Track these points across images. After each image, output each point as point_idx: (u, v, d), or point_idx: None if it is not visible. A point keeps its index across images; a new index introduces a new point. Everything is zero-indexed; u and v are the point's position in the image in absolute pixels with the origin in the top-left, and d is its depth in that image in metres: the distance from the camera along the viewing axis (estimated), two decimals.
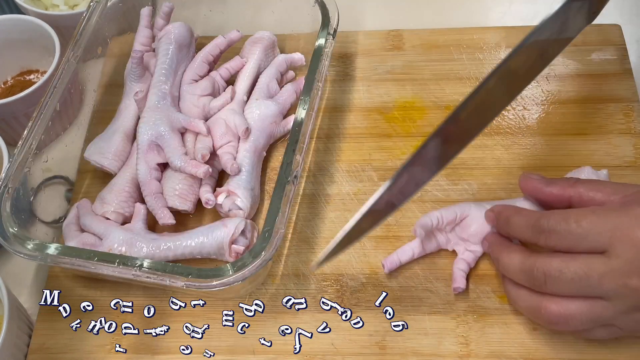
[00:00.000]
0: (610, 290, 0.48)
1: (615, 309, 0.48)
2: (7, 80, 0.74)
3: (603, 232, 0.48)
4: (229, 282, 0.51)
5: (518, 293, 0.53)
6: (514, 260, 0.52)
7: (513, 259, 0.52)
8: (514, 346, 0.55)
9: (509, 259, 0.53)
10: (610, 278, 0.47)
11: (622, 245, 0.47)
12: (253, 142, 0.63)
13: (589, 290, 0.48)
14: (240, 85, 0.66)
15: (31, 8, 0.72)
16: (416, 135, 0.66)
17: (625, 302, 0.48)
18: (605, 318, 0.49)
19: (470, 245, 0.58)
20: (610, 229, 0.48)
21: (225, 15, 0.73)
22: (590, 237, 0.48)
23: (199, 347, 0.57)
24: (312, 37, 0.65)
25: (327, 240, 0.61)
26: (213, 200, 0.59)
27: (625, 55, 0.69)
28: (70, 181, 0.66)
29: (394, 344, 0.56)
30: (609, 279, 0.47)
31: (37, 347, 0.58)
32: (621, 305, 0.48)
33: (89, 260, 0.53)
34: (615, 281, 0.47)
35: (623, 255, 0.47)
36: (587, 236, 0.48)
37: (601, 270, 0.47)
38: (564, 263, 0.48)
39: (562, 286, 0.49)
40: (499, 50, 0.71)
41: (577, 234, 0.48)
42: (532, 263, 0.50)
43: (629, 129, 0.65)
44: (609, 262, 0.47)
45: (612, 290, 0.47)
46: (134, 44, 0.69)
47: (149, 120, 0.61)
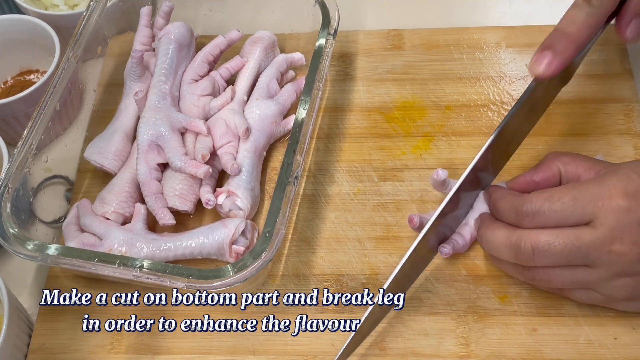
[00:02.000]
0: (596, 258, 0.49)
1: (599, 275, 0.50)
2: (7, 80, 0.74)
3: (586, 204, 0.49)
4: (229, 283, 0.51)
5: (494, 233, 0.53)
6: (499, 236, 0.52)
7: (497, 235, 0.53)
8: (514, 346, 0.55)
9: (493, 235, 0.53)
10: (597, 246, 0.49)
11: (604, 213, 0.49)
12: (253, 142, 0.63)
13: (576, 260, 0.50)
14: (240, 85, 0.66)
15: (31, 8, 0.72)
16: (416, 135, 0.66)
17: (610, 268, 0.49)
18: (586, 282, 0.51)
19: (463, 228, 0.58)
20: (592, 200, 0.49)
21: (225, 15, 0.73)
22: (575, 211, 0.50)
23: (199, 347, 0.57)
24: (312, 36, 0.65)
25: (327, 240, 0.61)
26: (213, 201, 0.59)
27: (625, 55, 0.69)
28: (70, 181, 0.66)
29: (394, 345, 0.56)
30: (595, 247, 0.49)
31: (37, 347, 0.58)
32: (604, 272, 0.50)
33: (89, 261, 0.53)
34: (601, 249, 0.49)
35: (606, 222, 0.49)
36: (573, 210, 0.50)
37: (588, 239, 0.49)
38: (553, 236, 0.50)
39: (550, 259, 0.50)
40: (499, 50, 0.71)
41: (561, 210, 0.50)
42: (518, 237, 0.51)
43: (629, 129, 0.65)
44: (594, 231, 0.49)
45: (598, 258, 0.49)
46: (133, 44, 0.69)
47: (149, 120, 0.61)
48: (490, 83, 0.69)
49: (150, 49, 0.69)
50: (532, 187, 0.55)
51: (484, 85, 0.69)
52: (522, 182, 0.56)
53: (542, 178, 0.55)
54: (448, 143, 0.66)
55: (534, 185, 0.55)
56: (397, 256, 0.60)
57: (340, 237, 0.61)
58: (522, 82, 0.69)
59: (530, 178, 0.55)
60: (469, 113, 0.67)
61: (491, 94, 0.68)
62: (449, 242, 0.57)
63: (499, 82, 0.69)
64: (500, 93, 0.68)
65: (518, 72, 0.69)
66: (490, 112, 0.67)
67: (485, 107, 0.67)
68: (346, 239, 0.61)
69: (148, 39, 0.69)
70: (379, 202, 0.63)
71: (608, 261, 0.49)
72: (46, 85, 0.63)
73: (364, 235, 0.61)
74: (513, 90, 0.68)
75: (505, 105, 0.67)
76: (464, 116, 0.67)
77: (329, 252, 0.61)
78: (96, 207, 0.61)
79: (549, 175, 0.55)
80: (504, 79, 0.69)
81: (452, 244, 0.57)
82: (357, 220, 0.62)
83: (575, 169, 0.54)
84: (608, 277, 0.50)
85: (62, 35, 0.70)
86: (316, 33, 0.64)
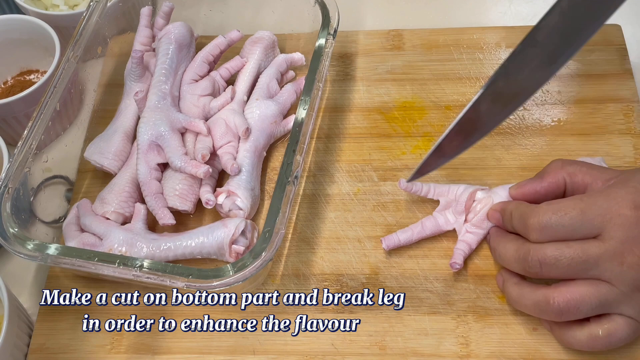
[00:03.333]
0: (607, 270, 0.49)
1: (619, 289, 0.49)
2: (7, 80, 0.74)
3: (594, 217, 0.49)
4: (229, 283, 0.51)
5: (522, 291, 0.53)
6: (509, 249, 0.53)
7: (508, 248, 0.54)
8: (514, 346, 0.55)
9: (504, 248, 0.54)
10: (606, 259, 0.49)
11: (612, 226, 0.49)
12: (253, 142, 0.63)
13: (586, 272, 0.49)
14: (240, 85, 0.66)
15: (31, 8, 0.72)
16: (416, 135, 0.66)
17: (625, 281, 0.49)
18: (612, 300, 0.49)
19: (472, 227, 0.58)
20: (600, 214, 0.49)
21: (225, 15, 0.73)
22: (584, 225, 0.49)
23: (199, 347, 0.57)
24: (312, 37, 0.65)
25: (327, 240, 0.61)
26: (213, 201, 0.59)
27: (625, 55, 0.69)
28: (70, 181, 0.66)
29: (394, 344, 0.56)
30: (604, 259, 0.49)
31: (37, 347, 0.58)
32: (622, 286, 0.49)
33: (89, 261, 0.53)
34: (612, 261, 0.48)
35: (616, 236, 0.48)
36: (582, 225, 0.49)
37: (596, 253, 0.49)
38: (559, 251, 0.50)
39: (558, 272, 0.50)
40: (499, 50, 0.71)
41: (570, 224, 0.50)
42: (526, 251, 0.51)
43: (629, 129, 0.65)
44: (602, 245, 0.49)
45: (609, 271, 0.49)
46: (134, 44, 0.69)
47: (149, 120, 0.61)
48: None
49: (151, 49, 0.69)
50: (537, 197, 0.55)
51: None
52: (527, 191, 0.56)
53: (546, 189, 0.55)
54: None
55: (539, 196, 0.55)
56: (397, 256, 0.60)
57: (340, 237, 0.61)
58: None
59: (535, 189, 0.55)
60: None
61: None
62: (458, 254, 0.57)
63: None
64: None
65: None
66: None
67: None
68: (346, 239, 0.61)
69: (148, 39, 0.69)
70: (379, 202, 0.63)
71: (621, 273, 0.48)
72: (46, 85, 0.63)
73: (364, 235, 0.61)
74: None
75: None
76: None
77: (328, 252, 0.61)
78: (96, 207, 0.61)
79: (554, 186, 0.54)
80: None
81: (462, 256, 0.57)
82: (357, 220, 0.62)
83: (582, 179, 0.53)
84: (628, 291, 0.49)
85: (62, 35, 0.70)
86: (316, 33, 0.64)
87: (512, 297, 0.54)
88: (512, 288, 0.54)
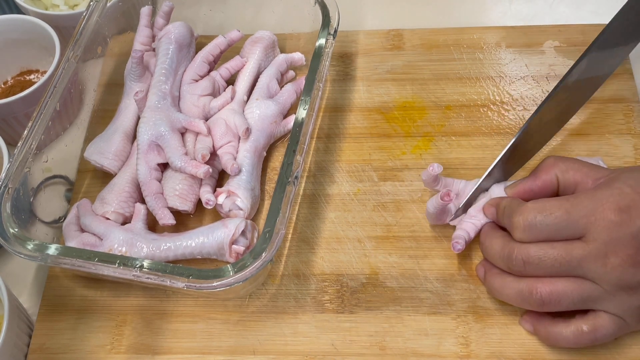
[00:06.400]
0: (590, 270, 0.49)
1: (602, 288, 0.50)
2: (7, 80, 0.74)
3: (578, 219, 0.50)
4: (229, 283, 0.51)
5: (504, 281, 0.53)
6: (495, 245, 0.54)
7: (494, 244, 0.54)
8: (514, 346, 0.55)
9: (491, 243, 0.55)
10: (590, 260, 0.49)
11: (596, 228, 0.49)
12: (253, 142, 0.63)
13: (570, 272, 0.50)
14: (240, 85, 0.66)
15: (31, 8, 0.72)
16: (416, 135, 0.66)
17: (609, 281, 0.49)
18: (595, 297, 0.50)
19: (471, 217, 0.58)
20: (585, 215, 0.49)
21: (225, 15, 0.73)
22: (568, 226, 0.50)
23: (199, 347, 0.57)
24: (312, 36, 0.65)
25: (327, 240, 0.61)
26: (213, 201, 0.59)
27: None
28: (70, 181, 0.66)
29: (394, 345, 0.56)
30: (588, 261, 0.49)
31: (37, 347, 0.58)
32: (606, 286, 0.49)
33: (89, 261, 0.53)
34: (595, 262, 0.49)
35: (599, 237, 0.49)
36: (566, 225, 0.50)
37: (580, 254, 0.49)
38: (543, 251, 0.50)
39: (541, 271, 0.51)
40: (499, 50, 0.71)
41: (554, 224, 0.50)
42: (510, 249, 0.52)
43: (629, 130, 0.65)
44: (586, 246, 0.49)
45: (593, 271, 0.49)
46: (134, 44, 0.69)
47: (149, 120, 0.61)
48: (490, 83, 0.69)
49: (150, 49, 0.69)
50: (531, 196, 0.55)
51: (484, 85, 0.69)
52: (521, 190, 0.56)
53: (540, 187, 0.55)
54: (448, 143, 0.66)
55: (533, 195, 0.55)
56: (397, 256, 0.60)
57: (340, 237, 0.61)
58: (522, 82, 0.69)
59: (529, 187, 0.55)
60: (469, 113, 0.67)
61: (491, 94, 0.68)
62: (460, 237, 0.57)
63: (499, 82, 0.69)
64: (500, 93, 0.68)
65: (518, 72, 0.69)
66: (490, 112, 0.67)
67: (485, 107, 0.67)
68: (346, 239, 0.61)
69: (148, 39, 0.69)
70: (379, 202, 0.63)
71: (605, 274, 0.49)
72: (46, 85, 0.63)
73: (364, 235, 0.61)
74: (513, 90, 0.68)
75: (505, 105, 0.67)
76: (464, 116, 0.67)
77: (329, 252, 0.61)
78: (96, 207, 0.61)
79: (547, 183, 0.55)
80: (504, 79, 0.69)
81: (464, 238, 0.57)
82: (357, 220, 0.62)
83: (573, 176, 0.54)
84: (611, 290, 0.49)
85: (62, 35, 0.70)
86: (316, 33, 0.64)
87: (494, 287, 0.54)
88: (494, 278, 0.54)
